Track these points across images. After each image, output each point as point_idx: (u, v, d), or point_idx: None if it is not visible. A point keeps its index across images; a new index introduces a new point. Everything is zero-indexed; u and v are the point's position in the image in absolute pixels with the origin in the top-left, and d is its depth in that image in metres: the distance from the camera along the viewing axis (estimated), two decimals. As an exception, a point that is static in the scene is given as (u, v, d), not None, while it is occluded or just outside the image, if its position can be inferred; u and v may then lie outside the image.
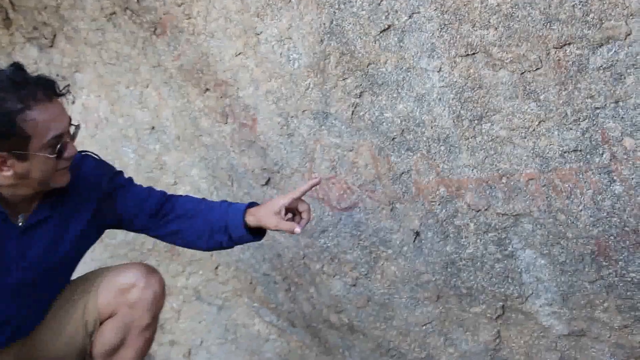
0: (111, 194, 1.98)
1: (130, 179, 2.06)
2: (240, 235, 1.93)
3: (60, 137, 1.68)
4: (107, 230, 2.09)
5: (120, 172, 2.05)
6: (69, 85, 1.78)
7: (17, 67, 1.65)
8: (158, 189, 2.10)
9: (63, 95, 1.72)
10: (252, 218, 1.92)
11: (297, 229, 1.82)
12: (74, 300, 2.04)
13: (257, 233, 1.97)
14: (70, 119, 1.73)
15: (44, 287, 1.93)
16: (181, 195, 2.09)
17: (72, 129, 1.75)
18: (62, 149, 1.69)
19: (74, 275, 2.11)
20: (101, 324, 2.06)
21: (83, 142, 3.67)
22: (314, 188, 2.11)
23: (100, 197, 1.95)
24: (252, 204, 1.98)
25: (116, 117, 3.42)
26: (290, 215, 1.93)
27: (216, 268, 3.53)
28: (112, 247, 4.04)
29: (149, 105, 3.16)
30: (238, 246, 2.08)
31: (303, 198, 1.92)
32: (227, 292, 3.58)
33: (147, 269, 2.07)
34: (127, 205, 1.99)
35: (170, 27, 2.57)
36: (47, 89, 1.65)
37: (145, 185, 2.09)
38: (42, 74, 1.69)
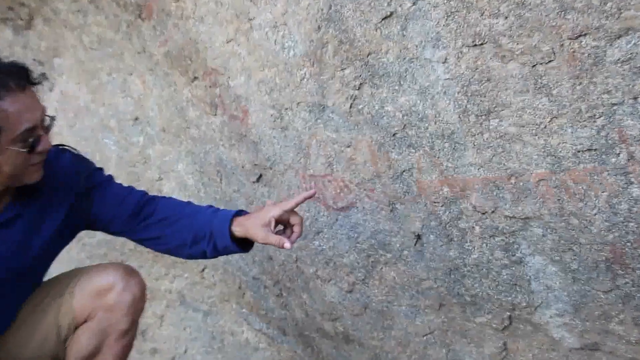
0: (88, 193, 1.97)
1: (110, 177, 2.06)
2: (226, 246, 1.94)
3: (33, 130, 1.67)
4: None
5: (100, 169, 2.05)
6: (44, 73, 1.77)
7: None
8: (140, 187, 2.10)
9: (37, 84, 1.71)
10: (240, 228, 1.92)
11: (287, 244, 1.83)
12: (46, 303, 2.03)
13: (244, 244, 1.97)
14: (44, 110, 1.72)
15: (14, 290, 1.93)
16: (164, 197, 2.08)
17: (46, 121, 1.75)
18: (35, 142, 1.68)
19: (47, 277, 2.10)
20: (76, 328, 2.05)
21: (61, 133, 3.67)
22: (308, 189, 2.11)
23: (77, 196, 1.95)
24: (240, 212, 1.98)
25: (97, 107, 3.42)
26: (280, 227, 1.93)
27: (202, 271, 3.52)
28: (90, 246, 4.04)
29: (132, 94, 3.15)
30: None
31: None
32: (213, 296, 3.58)
33: (126, 270, 2.07)
34: (105, 205, 1.99)
35: (157, 10, 2.56)
36: (20, 78, 1.65)
37: (127, 182, 2.09)
38: (15, 60, 1.69)
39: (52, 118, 1.77)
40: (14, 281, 1.88)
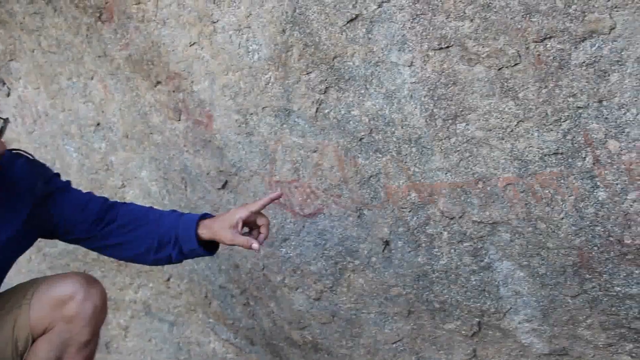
0: (46, 199, 1.93)
1: (68, 183, 2.02)
2: (192, 249, 1.92)
3: None
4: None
5: (57, 175, 2.01)
6: None
7: None
8: (103, 195, 2.06)
9: None
10: (206, 231, 1.91)
11: (255, 245, 1.84)
12: (1, 314, 1.98)
13: (210, 247, 1.95)
14: None
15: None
16: (125, 203, 2.06)
17: (-1, 124, 1.71)
18: None
19: (4, 288, 2.06)
20: (34, 341, 2.01)
21: (19, 139, 3.61)
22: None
23: (35, 202, 1.91)
24: (205, 215, 1.97)
25: (57, 112, 3.36)
26: (247, 229, 1.93)
27: (168, 280, 3.48)
28: (52, 257, 3.97)
29: (93, 99, 3.11)
30: (191, 256, 2.06)
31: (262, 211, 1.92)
32: (179, 306, 3.54)
33: (86, 279, 2.03)
34: (66, 212, 1.95)
35: (118, 12, 2.53)
36: None
37: (89, 189, 2.06)
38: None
39: (6, 120, 1.73)
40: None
